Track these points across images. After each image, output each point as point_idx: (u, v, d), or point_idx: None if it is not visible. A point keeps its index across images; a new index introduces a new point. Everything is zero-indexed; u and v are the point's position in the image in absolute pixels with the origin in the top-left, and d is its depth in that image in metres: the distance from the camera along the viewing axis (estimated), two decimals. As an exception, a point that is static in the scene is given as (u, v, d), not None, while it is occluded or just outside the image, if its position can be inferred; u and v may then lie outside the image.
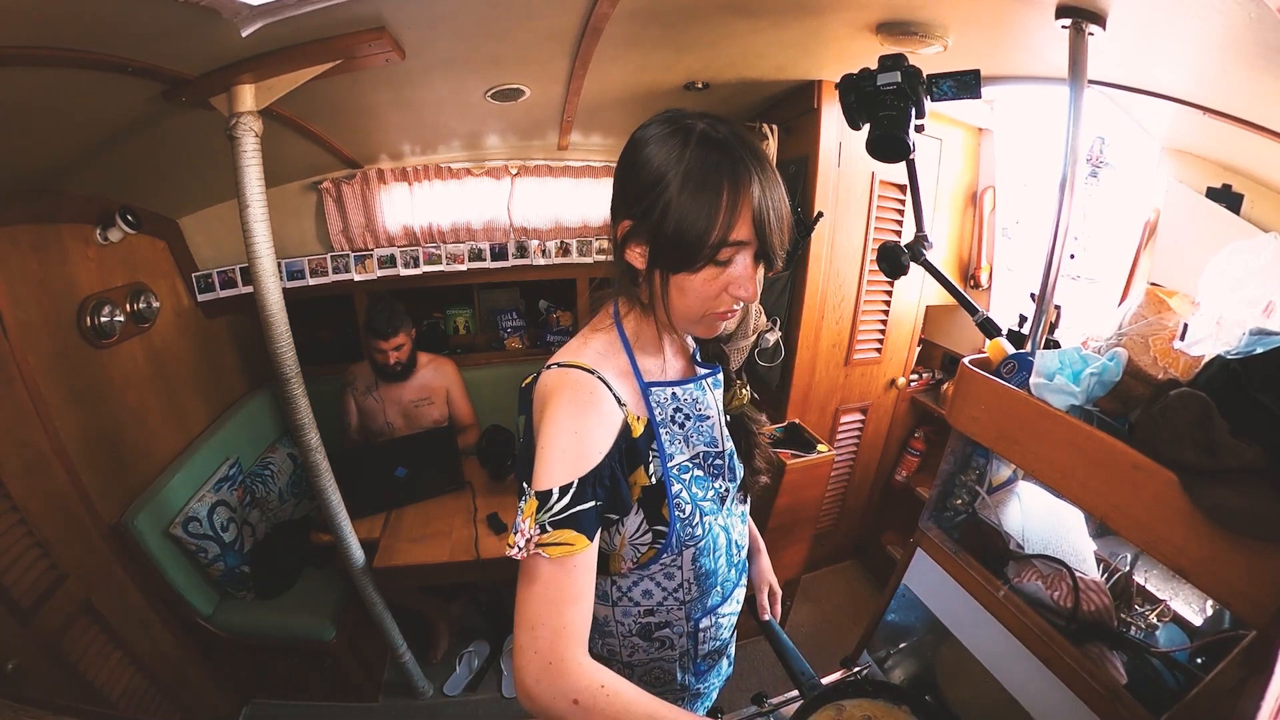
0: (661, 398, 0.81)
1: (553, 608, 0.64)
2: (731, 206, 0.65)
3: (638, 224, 0.70)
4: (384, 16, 1.21)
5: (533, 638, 0.63)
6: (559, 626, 0.63)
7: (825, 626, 2.37)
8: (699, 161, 0.66)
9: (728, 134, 0.67)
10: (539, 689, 0.61)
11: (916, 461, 2.47)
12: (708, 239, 0.66)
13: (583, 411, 0.71)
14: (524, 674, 0.62)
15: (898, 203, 2.06)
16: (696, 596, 0.87)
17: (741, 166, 0.66)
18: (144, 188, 1.88)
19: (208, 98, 1.31)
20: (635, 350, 0.81)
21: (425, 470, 2.05)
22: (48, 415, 1.47)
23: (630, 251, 0.73)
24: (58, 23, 1.00)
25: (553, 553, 0.65)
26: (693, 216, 0.65)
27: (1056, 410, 0.90)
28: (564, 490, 0.66)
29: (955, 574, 1.11)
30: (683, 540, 0.80)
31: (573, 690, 0.61)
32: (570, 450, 0.68)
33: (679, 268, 0.69)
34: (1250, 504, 0.66)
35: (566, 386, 0.72)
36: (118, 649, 1.55)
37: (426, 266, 2.45)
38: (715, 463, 0.86)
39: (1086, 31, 1.07)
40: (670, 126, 0.69)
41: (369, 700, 2.09)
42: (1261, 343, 0.76)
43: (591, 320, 0.85)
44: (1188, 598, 0.95)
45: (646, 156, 0.68)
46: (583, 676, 0.62)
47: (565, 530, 0.65)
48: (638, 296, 0.78)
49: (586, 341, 0.81)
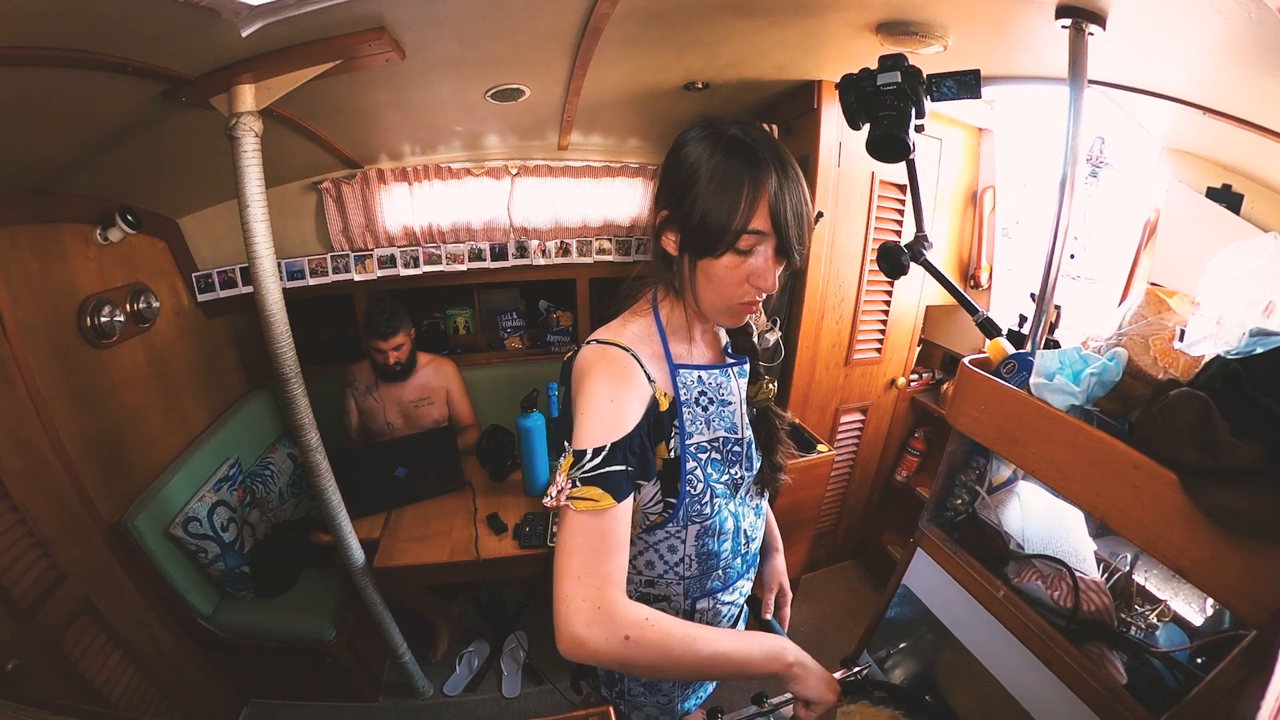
0: (688, 379, 0.87)
1: (596, 557, 0.71)
2: (751, 200, 0.73)
3: (672, 213, 0.79)
4: (384, 16, 1.21)
5: (579, 586, 0.69)
6: (604, 574, 0.70)
7: (825, 626, 2.37)
8: (725, 160, 0.74)
9: (756, 138, 0.76)
10: (590, 632, 0.67)
11: (916, 461, 2.46)
12: (729, 226, 0.74)
13: (619, 382, 0.78)
14: (574, 621, 0.67)
15: (898, 203, 2.06)
16: (696, 575, 0.92)
17: (763, 166, 0.74)
18: (144, 188, 1.88)
19: (208, 98, 1.31)
20: (668, 334, 0.87)
21: (425, 470, 2.05)
22: (48, 415, 1.47)
23: (665, 239, 0.82)
24: (58, 23, 1.00)
25: (579, 505, 0.72)
26: (717, 206, 0.74)
27: (1056, 410, 0.90)
28: (596, 451, 0.73)
29: (955, 574, 1.11)
30: (690, 515, 0.86)
31: (623, 628, 0.68)
32: (607, 416, 0.75)
33: (704, 253, 0.77)
34: (1250, 504, 0.66)
35: (605, 361, 0.80)
36: (118, 649, 1.55)
37: (426, 266, 2.44)
38: (734, 449, 0.91)
39: (1086, 31, 1.07)
40: (707, 130, 0.78)
41: (369, 700, 2.10)
42: (1261, 343, 0.76)
43: (632, 306, 0.92)
44: (1188, 598, 0.95)
45: (684, 155, 0.78)
46: (629, 614, 0.69)
47: (593, 487, 0.72)
48: (671, 282, 0.86)
49: (625, 324, 0.88)
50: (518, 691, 2.12)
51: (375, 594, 1.84)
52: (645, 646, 0.68)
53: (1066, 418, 0.89)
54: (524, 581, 2.42)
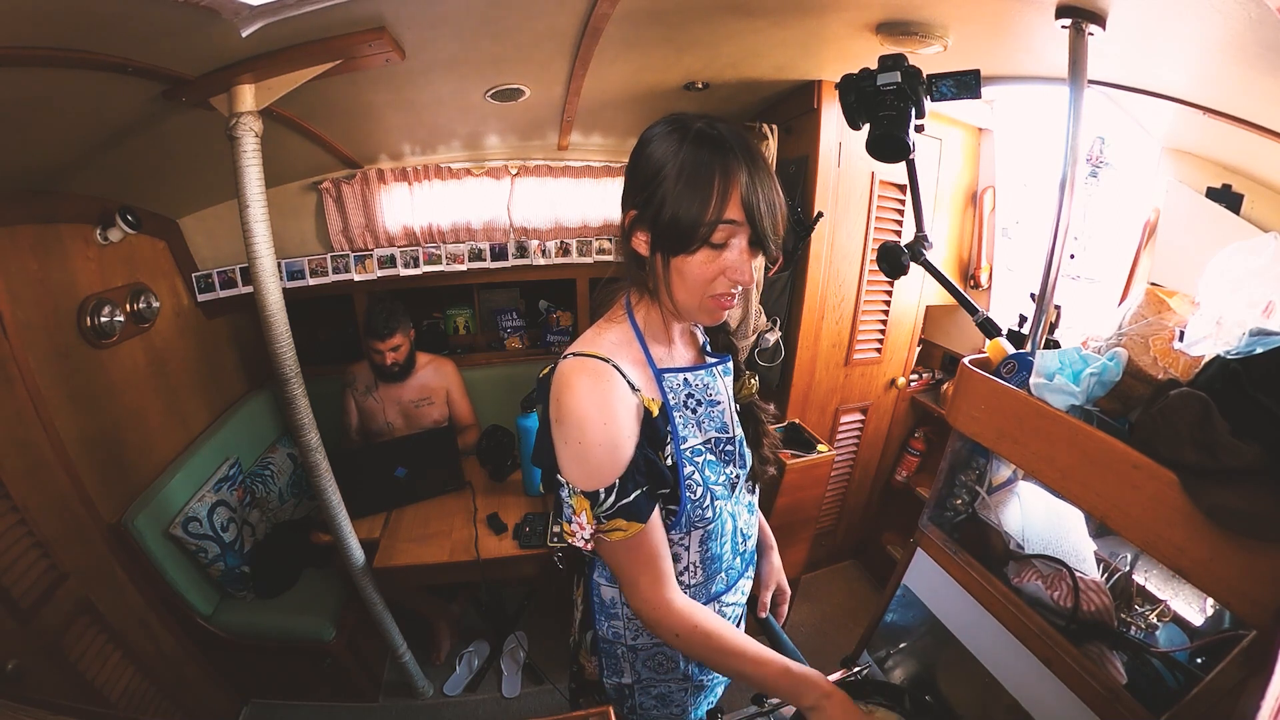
0: (674, 383, 0.86)
1: (639, 567, 0.81)
2: (723, 191, 0.72)
3: (641, 212, 0.77)
4: (384, 16, 1.21)
5: (636, 591, 0.81)
6: (651, 579, 0.81)
7: (825, 626, 2.37)
8: (694, 153, 0.73)
9: (722, 131, 0.74)
10: (655, 625, 0.82)
11: (916, 461, 2.46)
12: (702, 219, 0.72)
13: (604, 399, 0.76)
14: (642, 613, 0.82)
15: (898, 203, 2.06)
16: (701, 581, 0.91)
17: (732, 156, 0.72)
18: (144, 188, 1.88)
19: (208, 98, 1.31)
20: (647, 339, 0.86)
21: (425, 470, 2.05)
22: (48, 415, 1.47)
23: (636, 239, 0.79)
24: (58, 23, 1.00)
25: (613, 537, 0.77)
26: (688, 201, 0.72)
27: (1056, 410, 0.90)
28: (609, 490, 0.76)
29: (955, 574, 1.11)
30: (692, 520, 0.86)
31: (674, 627, 0.81)
32: (604, 445, 0.75)
33: (677, 250, 0.75)
34: (1250, 504, 0.66)
35: (584, 373, 0.77)
36: (117, 649, 1.55)
37: (426, 266, 2.45)
38: (727, 448, 0.91)
39: (1086, 31, 1.07)
40: (671, 125, 0.76)
41: (369, 700, 2.10)
42: (1261, 343, 0.76)
43: (606, 313, 0.89)
44: (1188, 598, 0.95)
45: (649, 152, 0.76)
46: (681, 617, 0.81)
47: (618, 519, 0.77)
48: (644, 283, 0.84)
49: (601, 333, 0.85)
50: (518, 691, 2.12)
51: (375, 594, 1.84)
52: (691, 645, 0.81)
53: (1066, 418, 0.88)
54: (524, 581, 2.42)
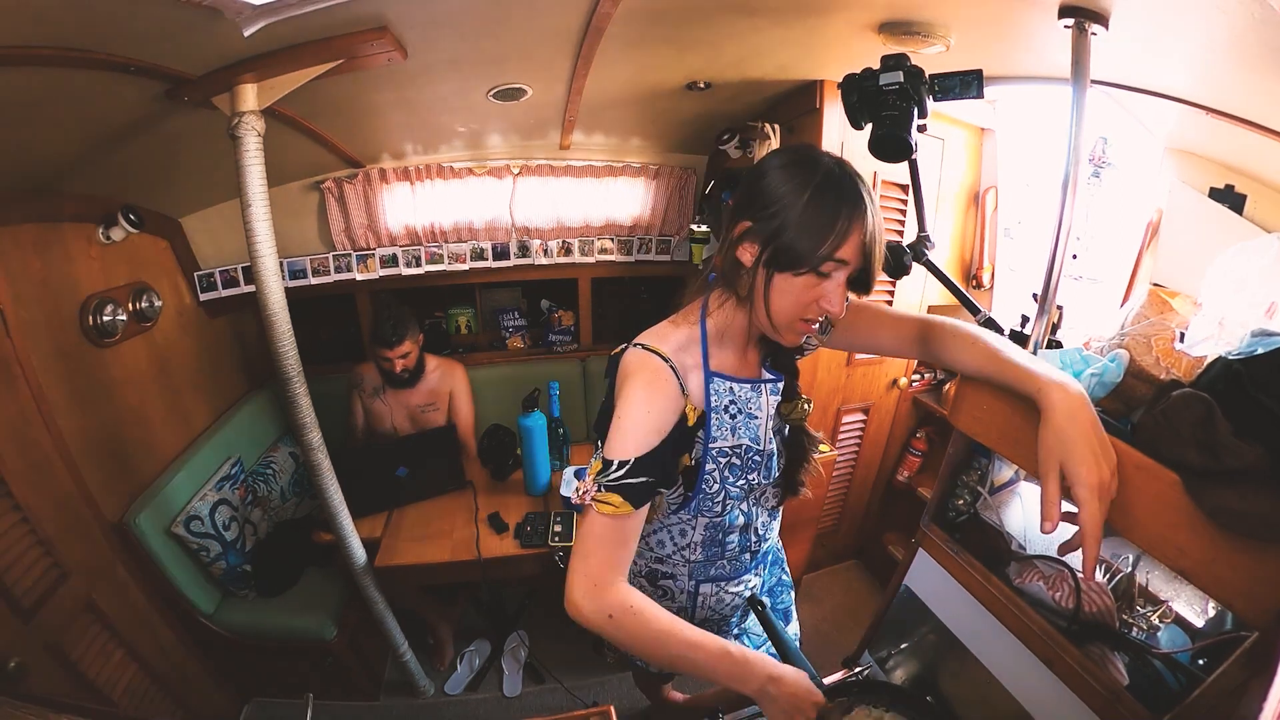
0: (721, 388, 0.92)
1: (604, 545, 0.82)
2: (844, 233, 0.78)
3: (756, 226, 0.83)
4: (386, 16, 1.21)
5: (585, 563, 0.80)
6: (608, 558, 0.81)
7: (826, 626, 2.36)
8: (827, 188, 0.79)
9: (852, 173, 0.82)
10: (584, 601, 0.78)
11: (918, 462, 2.46)
12: (818, 250, 0.79)
13: (656, 394, 0.84)
14: (574, 589, 0.79)
15: (900, 202, 2.06)
16: (701, 560, 1.01)
17: (861, 202, 0.79)
18: (146, 187, 1.88)
19: (210, 97, 1.31)
20: (715, 342, 0.92)
21: (426, 470, 2.05)
22: (50, 414, 1.48)
23: (743, 249, 0.84)
24: (60, 22, 1.00)
25: (601, 509, 0.81)
26: (811, 232, 0.78)
27: (1058, 411, 0.89)
28: (622, 464, 0.81)
29: (957, 574, 1.11)
30: (701, 509, 0.95)
31: (608, 608, 0.78)
32: (639, 429, 0.82)
33: (785, 268, 0.81)
34: (1253, 505, 0.66)
35: (647, 369, 0.86)
36: (119, 647, 1.55)
37: (428, 266, 2.44)
38: (754, 458, 0.96)
39: (1089, 31, 1.07)
40: (802, 155, 0.84)
41: (370, 699, 2.10)
42: (1264, 343, 0.76)
43: (683, 310, 0.96)
44: (1190, 599, 0.94)
45: (778, 175, 0.82)
46: (619, 598, 0.79)
47: (615, 495, 0.80)
48: (736, 289, 0.88)
49: (671, 330, 0.93)
50: (519, 691, 2.12)
51: (377, 593, 1.84)
52: (622, 630, 0.78)
53: (1068, 418, 0.88)
54: (525, 581, 2.42)
